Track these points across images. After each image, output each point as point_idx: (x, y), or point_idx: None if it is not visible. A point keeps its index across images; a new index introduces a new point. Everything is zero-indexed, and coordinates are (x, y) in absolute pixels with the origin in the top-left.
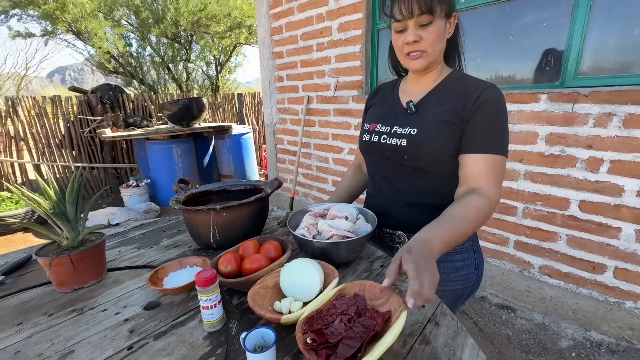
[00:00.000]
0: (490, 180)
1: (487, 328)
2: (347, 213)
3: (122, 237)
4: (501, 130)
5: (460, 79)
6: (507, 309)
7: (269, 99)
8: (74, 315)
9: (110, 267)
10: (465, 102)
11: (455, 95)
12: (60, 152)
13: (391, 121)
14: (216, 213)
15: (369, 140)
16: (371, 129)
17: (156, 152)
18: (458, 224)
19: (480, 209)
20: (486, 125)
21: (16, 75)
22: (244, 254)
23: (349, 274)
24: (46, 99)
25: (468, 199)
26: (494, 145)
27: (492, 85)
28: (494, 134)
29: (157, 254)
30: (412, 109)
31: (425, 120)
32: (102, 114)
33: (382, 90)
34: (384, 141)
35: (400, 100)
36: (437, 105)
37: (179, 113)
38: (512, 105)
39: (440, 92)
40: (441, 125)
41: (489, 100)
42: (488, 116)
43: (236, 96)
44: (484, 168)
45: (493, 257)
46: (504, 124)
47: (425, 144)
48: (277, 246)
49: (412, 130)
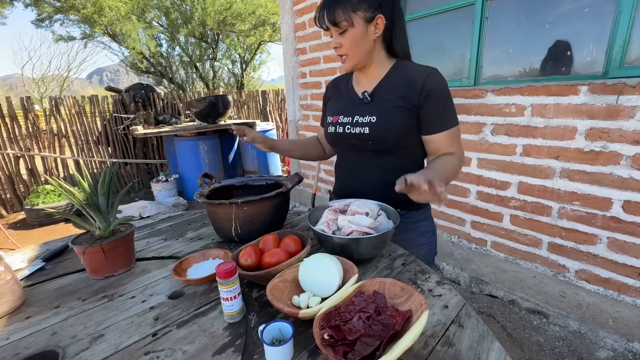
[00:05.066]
0: (454, 145)
1: (517, 333)
2: (367, 209)
3: (151, 228)
4: (450, 108)
5: (404, 66)
6: (538, 314)
7: (292, 95)
8: (104, 302)
9: (139, 257)
10: (412, 89)
11: (402, 83)
12: (97, 148)
13: (351, 112)
14: (238, 207)
15: (334, 132)
16: (334, 121)
17: (184, 148)
18: (442, 167)
19: (454, 164)
20: (438, 109)
21: (59, 76)
22: (264, 247)
23: (369, 270)
24: (85, 99)
25: (442, 157)
26: (450, 120)
27: (433, 70)
28: (446, 113)
29: (182, 246)
30: (368, 98)
31: (382, 108)
32: (134, 112)
33: (337, 84)
34: (348, 131)
35: (355, 92)
36: (389, 92)
37: (205, 110)
38: (548, 99)
39: (389, 81)
40: (396, 111)
41: (435, 85)
42: (438, 100)
43: (260, 93)
44: (447, 140)
45: (524, 259)
46: (450, 99)
47: (385, 129)
48: (297, 241)
49: (371, 118)
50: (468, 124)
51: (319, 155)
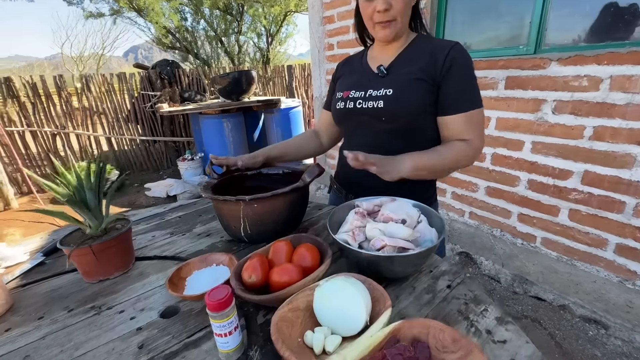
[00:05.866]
0: (471, 131)
1: (567, 343)
2: (404, 215)
3: (160, 219)
4: (474, 85)
5: (426, 40)
6: (595, 324)
7: (318, 69)
8: (91, 315)
9: (139, 256)
10: (435, 61)
11: (424, 55)
12: (127, 126)
13: (364, 86)
14: (246, 204)
15: (343, 108)
16: (345, 96)
17: (208, 126)
18: (436, 156)
19: (462, 152)
20: (460, 85)
21: (96, 55)
22: (274, 258)
23: (404, 294)
24: (113, 76)
25: (453, 142)
26: (471, 102)
27: (457, 43)
28: (469, 91)
29: (188, 243)
30: (384, 71)
31: (399, 80)
32: (161, 89)
33: (349, 61)
34: (360, 106)
35: (370, 67)
36: (408, 65)
37: (228, 87)
38: (635, 68)
39: (408, 54)
40: (415, 83)
41: (458, 59)
42: (460, 75)
43: (286, 68)
44: (463, 125)
45: (582, 260)
46: (474, 78)
47: (402, 102)
48: (314, 251)
49: (387, 90)
50: (523, 100)
51: (316, 151)
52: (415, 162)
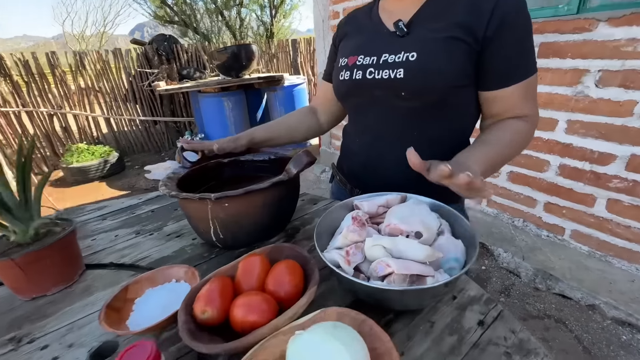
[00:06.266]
0: (529, 103)
1: (597, 349)
2: (419, 224)
3: (130, 213)
4: (531, 45)
5: None
6: (630, 327)
7: (322, 42)
8: (6, 351)
9: (91, 263)
10: (478, 12)
11: (459, 5)
12: (125, 106)
13: (377, 49)
14: (214, 204)
15: (349, 79)
16: (350, 63)
17: (207, 105)
18: (497, 147)
19: (522, 131)
20: (517, 46)
21: (98, 32)
22: (242, 280)
23: (419, 333)
24: (108, 52)
25: (507, 122)
26: (527, 68)
27: None
28: (526, 54)
29: (153, 246)
30: (403, 29)
31: (426, 39)
32: (158, 66)
33: (354, 18)
34: (371, 76)
35: (383, 23)
36: (437, 20)
37: (227, 62)
38: None
39: (436, 4)
40: (448, 44)
41: (512, 13)
42: (516, 32)
43: (290, 43)
44: (521, 97)
45: (619, 257)
46: (531, 33)
47: (430, 71)
48: (296, 271)
49: (409, 55)
50: (560, 71)
51: (312, 132)
52: (481, 164)
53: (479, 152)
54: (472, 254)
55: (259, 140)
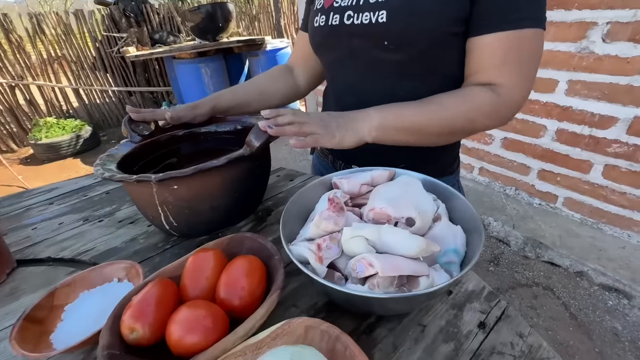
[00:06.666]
0: (505, 68)
1: (583, 315)
2: (411, 209)
3: (82, 195)
4: None
5: None
6: (616, 293)
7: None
8: None
9: (25, 259)
10: None
11: None
12: (95, 75)
13: None
14: (160, 186)
15: (324, 25)
16: (327, 5)
17: (184, 72)
18: (429, 110)
19: (481, 105)
20: None
21: None
22: (189, 284)
23: (407, 341)
24: (69, 14)
25: (468, 89)
26: (521, 15)
27: None
28: None
29: (101, 235)
30: None
31: None
32: (127, 29)
33: None
34: (349, 21)
35: None
36: None
37: (202, 24)
38: None
39: None
40: None
41: None
42: None
43: (272, 3)
44: (500, 55)
45: (611, 223)
46: None
47: (418, 12)
48: (256, 270)
49: None
50: (563, 25)
51: (288, 95)
52: (385, 116)
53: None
54: (476, 244)
55: (224, 107)
